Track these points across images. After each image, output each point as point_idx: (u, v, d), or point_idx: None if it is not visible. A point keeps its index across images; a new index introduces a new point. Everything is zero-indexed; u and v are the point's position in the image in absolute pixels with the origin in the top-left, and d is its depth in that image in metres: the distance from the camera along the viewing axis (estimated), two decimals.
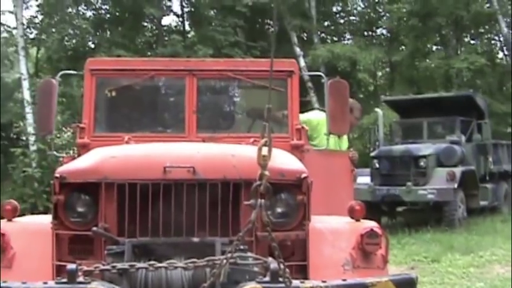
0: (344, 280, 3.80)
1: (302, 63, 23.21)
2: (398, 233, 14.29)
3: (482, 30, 27.79)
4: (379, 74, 29.87)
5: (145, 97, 6.16)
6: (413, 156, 15.48)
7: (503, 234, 13.65)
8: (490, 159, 16.97)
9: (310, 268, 4.22)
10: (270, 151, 3.49)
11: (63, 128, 17.25)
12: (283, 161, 4.38)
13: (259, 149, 3.48)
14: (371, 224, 4.51)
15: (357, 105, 7.67)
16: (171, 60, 5.91)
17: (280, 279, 3.55)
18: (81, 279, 3.58)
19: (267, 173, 3.51)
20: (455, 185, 14.77)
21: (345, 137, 7.35)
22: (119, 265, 3.74)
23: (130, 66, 5.71)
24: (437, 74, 27.12)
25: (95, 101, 5.56)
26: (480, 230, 14.57)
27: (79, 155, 5.18)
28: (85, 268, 3.68)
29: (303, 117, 6.40)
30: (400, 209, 16.66)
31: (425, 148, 15.70)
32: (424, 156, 15.48)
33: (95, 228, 4.01)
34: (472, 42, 27.00)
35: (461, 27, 25.86)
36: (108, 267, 3.74)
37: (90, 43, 24.35)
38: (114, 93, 5.79)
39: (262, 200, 3.57)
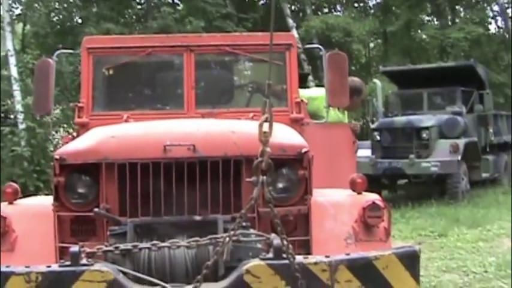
0: (347, 254, 3.81)
1: (295, 34, 22.55)
2: (401, 207, 14.23)
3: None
4: (372, 45, 29.22)
5: (143, 74, 6.18)
6: (416, 128, 15.34)
7: (507, 206, 13.64)
8: (491, 130, 16.92)
9: (312, 243, 4.27)
10: (271, 127, 3.48)
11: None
12: (284, 136, 4.39)
13: (260, 126, 3.47)
14: (373, 197, 4.55)
15: (363, 86, 7.64)
16: (168, 37, 5.90)
17: (284, 255, 3.56)
18: (84, 261, 3.60)
19: (268, 149, 3.50)
20: (459, 157, 14.70)
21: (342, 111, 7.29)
22: (122, 246, 3.77)
23: (127, 43, 5.71)
24: (431, 45, 26.68)
25: (93, 80, 5.57)
26: (484, 203, 14.53)
27: (78, 135, 5.22)
28: (88, 250, 3.70)
29: (306, 94, 6.41)
30: (401, 182, 16.58)
31: (427, 119, 15.57)
32: (427, 128, 15.34)
33: (96, 209, 4.04)
34: (467, 11, 26.21)
35: None
36: (111, 248, 3.77)
37: (77, 17, 24.07)
38: (111, 72, 5.79)
39: (264, 177, 3.56)
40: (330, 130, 6.30)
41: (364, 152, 15.28)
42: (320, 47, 6.23)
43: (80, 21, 23.83)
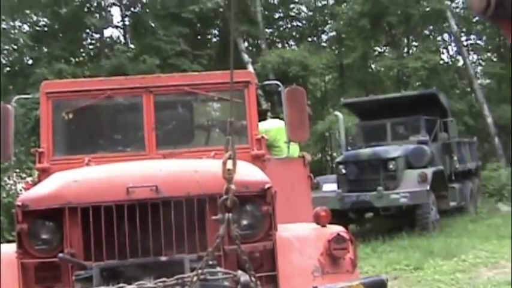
0: (315, 287, 3.92)
1: (251, 69, 22.56)
2: (371, 241, 14.08)
3: (431, 28, 27.38)
4: (327, 78, 29.36)
5: (103, 117, 6.30)
6: (382, 159, 15.13)
7: (477, 234, 13.81)
8: (455, 158, 16.96)
9: (280, 278, 4.37)
10: (234, 165, 3.57)
11: None
12: (246, 172, 4.51)
13: (224, 163, 3.55)
14: (337, 229, 4.69)
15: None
16: (126, 78, 6.05)
17: None
18: None
19: (233, 186, 3.59)
20: (428, 187, 14.52)
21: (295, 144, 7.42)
22: None
23: (85, 87, 5.82)
24: (388, 75, 26.76)
25: (53, 124, 5.67)
26: (454, 232, 14.55)
27: (39, 180, 5.28)
28: None
29: (261, 127, 6.53)
30: (368, 215, 16.45)
31: (393, 150, 15.48)
32: (393, 159, 15.13)
33: (61, 255, 4.09)
34: (423, 41, 26.49)
35: (412, 26, 25.39)
36: None
37: (27, 58, 23.29)
38: (71, 115, 5.91)
39: (230, 214, 3.64)
40: (287, 165, 6.41)
41: (330, 187, 15.30)
42: (278, 83, 6.40)
43: (30, 62, 23.38)
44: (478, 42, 29.12)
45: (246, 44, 27.85)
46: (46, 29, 24.66)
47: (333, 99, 30.85)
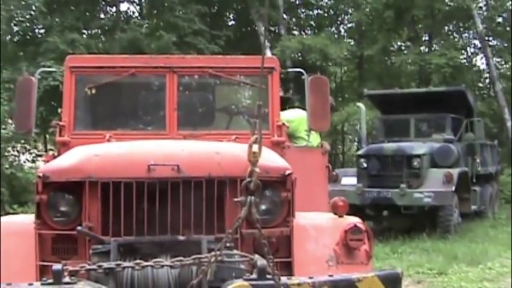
0: (330, 276, 4.00)
1: (269, 54, 22.03)
2: (390, 240, 13.88)
3: (455, 26, 26.84)
4: (344, 69, 28.73)
5: (126, 94, 6.45)
6: (406, 156, 14.74)
7: (499, 241, 13.52)
8: (478, 160, 16.62)
9: (294, 264, 4.50)
10: (260, 148, 3.68)
11: (9, 120, 15.86)
12: (268, 157, 4.58)
13: (250, 146, 3.66)
14: (354, 220, 4.81)
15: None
16: (151, 57, 6.15)
17: (269, 276, 3.76)
18: (67, 279, 3.75)
19: (257, 169, 3.69)
20: (453, 188, 14.13)
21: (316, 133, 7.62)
22: (105, 264, 3.93)
23: (110, 63, 5.96)
24: (406, 71, 26.15)
25: (75, 99, 5.80)
26: (476, 237, 14.21)
27: (59, 153, 5.43)
28: (70, 268, 3.86)
29: (284, 116, 6.63)
30: (384, 213, 15.99)
31: (418, 147, 15.15)
32: (418, 156, 14.74)
33: (79, 228, 4.21)
34: (446, 38, 25.90)
35: (437, 22, 24.71)
36: (94, 266, 3.92)
37: (39, 27, 23.51)
38: (94, 91, 6.00)
39: (252, 198, 3.76)
40: (306, 154, 6.53)
41: (350, 180, 15.09)
42: (302, 71, 6.47)
43: (42, 31, 23.42)
44: (500, 43, 28.22)
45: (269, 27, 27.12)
46: None
47: (349, 90, 30.17)
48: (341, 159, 29.65)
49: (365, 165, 14.94)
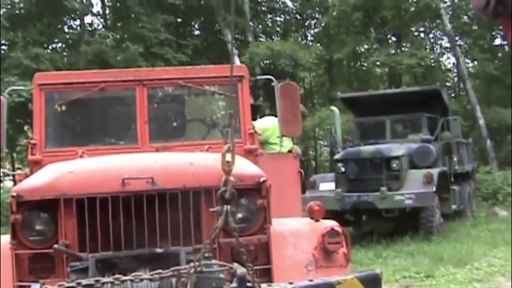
0: (311, 281, 4.06)
1: (237, 62, 21.72)
2: (373, 245, 13.70)
3: (423, 26, 26.86)
4: (314, 73, 28.64)
5: (96, 109, 6.47)
6: (385, 158, 14.54)
7: (482, 240, 13.49)
8: (455, 159, 16.48)
9: (274, 271, 4.56)
10: (233, 157, 3.74)
11: None
12: (242, 166, 4.68)
13: (223, 155, 3.72)
14: (331, 223, 4.89)
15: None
16: (120, 71, 6.19)
17: (249, 284, 3.79)
18: None
19: (231, 178, 3.75)
20: (434, 188, 13.96)
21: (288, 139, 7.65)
22: (84, 281, 3.93)
23: (79, 79, 5.99)
24: (375, 73, 26.04)
25: (45, 116, 5.84)
26: (459, 237, 14.14)
27: (31, 172, 5.44)
28: (49, 287, 3.89)
29: (258, 125, 6.74)
30: (365, 217, 15.84)
31: (396, 148, 15.01)
32: (397, 157, 14.54)
33: (56, 246, 4.24)
34: (415, 38, 25.91)
35: (406, 22, 24.70)
36: (73, 284, 3.92)
37: (2, 42, 22.17)
38: (64, 107, 6.08)
39: (228, 206, 3.80)
40: (278, 160, 6.57)
41: (328, 186, 15.01)
42: (271, 77, 6.56)
43: (5, 46, 22.82)
44: (469, 41, 28.32)
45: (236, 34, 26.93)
46: (23, 11, 23.45)
47: (319, 95, 30.03)
48: (313, 165, 29.51)
49: (343, 169, 14.70)
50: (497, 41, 28.97)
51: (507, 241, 12.79)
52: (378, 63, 25.32)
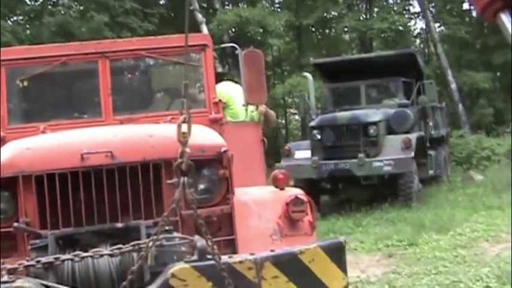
0: (272, 251, 4.08)
1: (205, 30, 21.21)
2: (352, 213, 13.59)
3: None
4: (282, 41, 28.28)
5: (59, 84, 6.45)
6: (362, 124, 14.44)
7: (461, 205, 13.50)
8: (431, 123, 16.45)
9: (238, 242, 4.60)
10: (189, 128, 3.72)
11: None
12: (202, 136, 4.71)
13: (179, 126, 3.71)
14: (295, 192, 4.90)
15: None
16: (82, 44, 6.09)
17: (209, 256, 3.83)
18: (5, 278, 3.75)
19: (188, 150, 3.72)
20: (412, 154, 13.95)
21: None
22: (43, 259, 3.96)
23: (40, 53, 5.94)
24: (343, 39, 25.68)
25: (7, 93, 5.79)
26: (438, 203, 14.09)
27: None
28: (9, 266, 3.89)
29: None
30: (341, 185, 15.73)
31: (373, 114, 15.04)
32: (374, 123, 14.48)
33: (15, 224, 4.26)
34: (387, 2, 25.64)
35: None
36: (32, 262, 3.94)
37: None
38: (26, 83, 6.03)
39: (185, 178, 3.77)
40: (243, 129, 6.64)
41: (303, 154, 14.88)
42: (235, 45, 6.64)
43: None
44: (439, 5, 28.08)
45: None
46: None
47: (288, 62, 29.64)
48: (283, 134, 29.26)
49: (319, 136, 14.57)
50: (466, 6, 28.90)
51: (486, 205, 13.00)
52: (348, 28, 25.02)
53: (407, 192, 13.70)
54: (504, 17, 2.22)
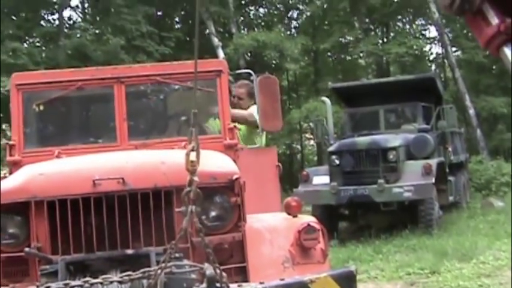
0: (282, 280, 4.10)
1: (221, 54, 21.08)
2: (371, 240, 13.28)
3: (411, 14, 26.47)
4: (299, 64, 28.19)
5: (75, 108, 6.56)
6: (382, 149, 14.23)
7: (483, 232, 13.20)
8: (450, 149, 16.16)
9: (249, 269, 4.60)
10: (198, 156, 3.76)
11: None
12: (214, 163, 4.76)
13: (187, 155, 3.75)
14: (308, 219, 4.92)
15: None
16: (97, 69, 6.19)
17: (218, 284, 3.86)
18: None
19: (196, 178, 3.77)
20: (433, 180, 13.70)
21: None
22: (53, 285, 3.99)
23: (56, 78, 6.05)
24: (358, 64, 25.49)
25: (24, 117, 5.91)
26: (459, 230, 13.80)
27: (11, 173, 5.51)
28: None
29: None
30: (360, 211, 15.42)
31: (393, 139, 14.79)
32: (394, 148, 14.26)
33: (27, 249, 4.32)
34: (403, 27, 25.52)
35: (393, 11, 24.20)
36: None
37: None
38: (42, 107, 6.08)
39: (193, 206, 3.81)
40: (258, 155, 6.57)
41: (322, 179, 14.53)
42: (250, 71, 6.65)
43: None
44: (456, 30, 27.94)
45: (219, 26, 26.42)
46: None
47: (305, 87, 29.52)
48: (299, 159, 29.04)
49: (337, 162, 14.36)
50: None
51: (509, 233, 12.61)
52: (364, 53, 24.88)
53: (428, 219, 13.45)
54: (507, 51, 2.26)
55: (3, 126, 21.93)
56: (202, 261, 4.24)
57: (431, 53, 28.44)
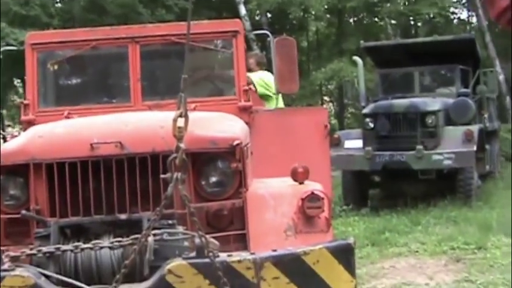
0: (274, 251, 4.10)
1: (243, 11, 20.30)
2: (407, 210, 12.63)
3: None
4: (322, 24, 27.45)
5: (89, 68, 6.72)
6: (421, 113, 13.59)
7: None
8: (486, 115, 15.48)
9: (251, 236, 4.65)
10: (186, 122, 3.80)
11: None
12: (216, 128, 4.83)
13: (174, 121, 3.81)
14: (312, 187, 4.87)
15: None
16: (112, 29, 6.32)
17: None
18: (6, 266, 3.94)
19: (182, 145, 3.81)
20: (474, 147, 13.09)
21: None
22: (44, 248, 4.16)
23: (71, 37, 6.20)
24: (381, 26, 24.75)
25: (38, 76, 6.06)
26: (499, 202, 13.02)
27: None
28: (12, 254, 4.09)
29: (256, 76, 7.02)
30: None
31: (433, 102, 14.11)
32: (433, 112, 13.59)
33: (23, 211, 4.46)
34: None
35: None
36: (33, 251, 4.15)
37: None
38: (56, 67, 6.23)
39: (179, 173, 3.86)
40: (289, 117, 6.46)
41: (354, 143, 13.84)
42: (267, 32, 6.68)
43: None
44: None
45: None
46: None
47: (326, 47, 28.67)
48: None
49: (372, 125, 13.75)
50: None
51: None
52: (392, 14, 23.97)
53: (467, 188, 12.90)
54: None
55: (15, 82, 21.39)
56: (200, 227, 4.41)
57: (459, 17, 27.87)
